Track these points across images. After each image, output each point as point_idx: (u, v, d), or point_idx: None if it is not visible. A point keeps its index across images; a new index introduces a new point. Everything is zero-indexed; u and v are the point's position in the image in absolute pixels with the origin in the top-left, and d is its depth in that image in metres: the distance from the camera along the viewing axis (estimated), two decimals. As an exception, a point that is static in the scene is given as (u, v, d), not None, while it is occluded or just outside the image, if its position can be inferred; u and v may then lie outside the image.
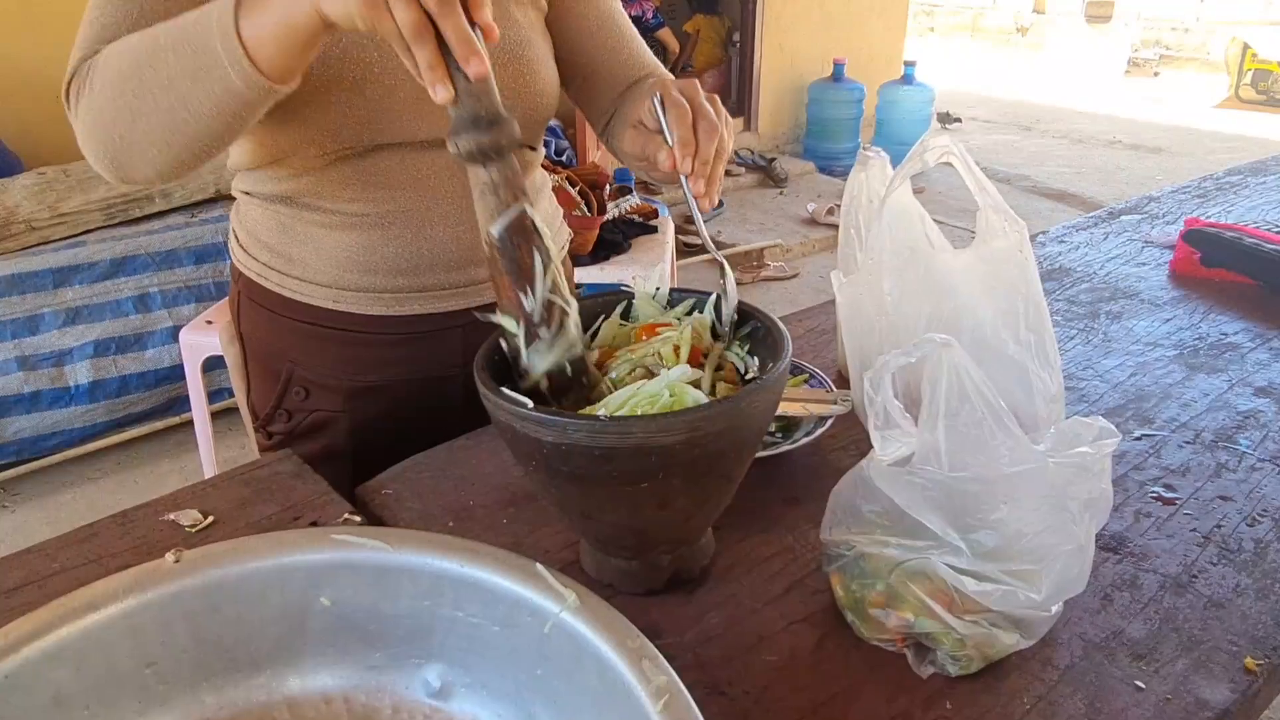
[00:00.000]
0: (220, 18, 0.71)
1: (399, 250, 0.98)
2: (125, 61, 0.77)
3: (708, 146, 0.76)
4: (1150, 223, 1.71)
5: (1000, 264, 0.82)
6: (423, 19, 0.62)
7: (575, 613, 0.57)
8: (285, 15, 0.69)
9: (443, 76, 0.63)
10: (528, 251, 0.69)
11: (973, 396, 0.60)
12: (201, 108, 0.75)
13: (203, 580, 0.60)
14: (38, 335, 2.59)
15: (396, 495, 0.93)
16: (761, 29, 5.68)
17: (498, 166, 0.67)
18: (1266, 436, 0.99)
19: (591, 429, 0.62)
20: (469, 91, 0.65)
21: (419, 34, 0.62)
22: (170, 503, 0.88)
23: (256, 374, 1.10)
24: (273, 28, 0.70)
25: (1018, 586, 0.64)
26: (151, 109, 0.76)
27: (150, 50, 0.75)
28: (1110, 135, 7.50)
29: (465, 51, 0.62)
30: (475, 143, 0.65)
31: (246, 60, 0.71)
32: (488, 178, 0.67)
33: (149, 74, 0.75)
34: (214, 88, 0.74)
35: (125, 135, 0.79)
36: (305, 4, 0.67)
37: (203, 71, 0.73)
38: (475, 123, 0.65)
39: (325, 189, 0.95)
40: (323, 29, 0.69)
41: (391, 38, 0.63)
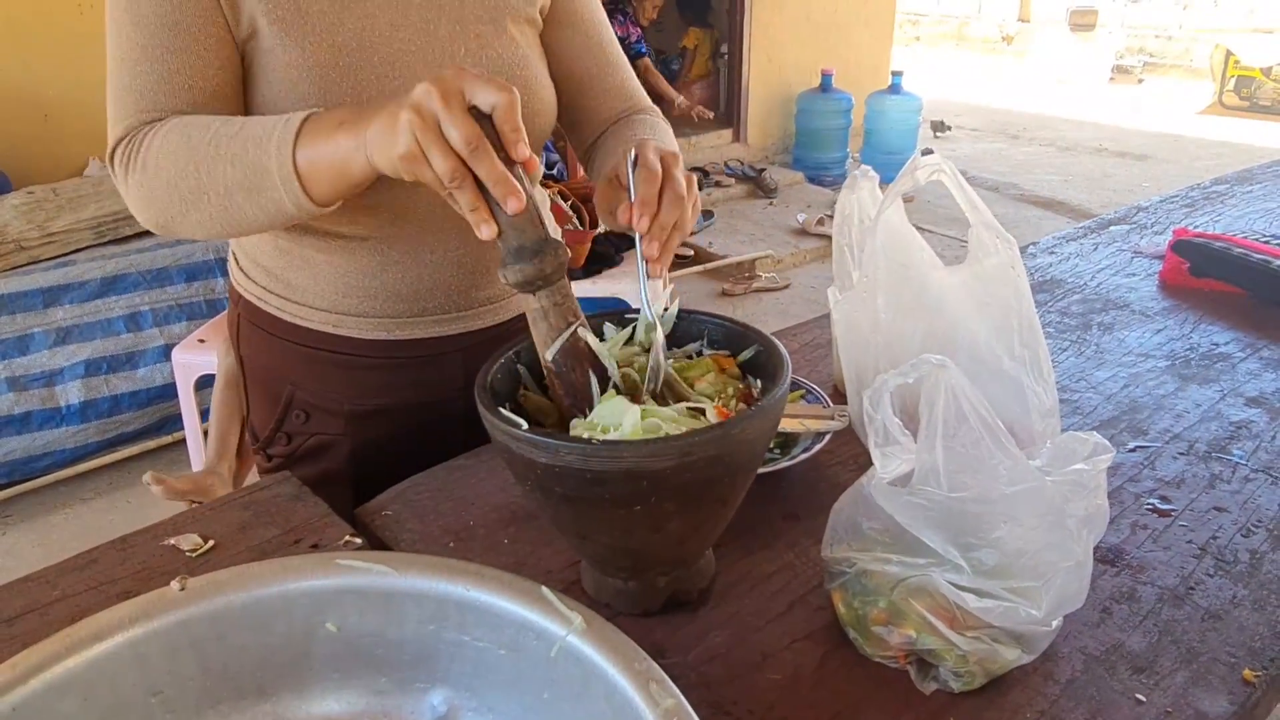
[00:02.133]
0: (279, 149, 0.76)
1: (398, 275, 0.98)
2: (182, 158, 0.81)
3: (669, 213, 0.76)
4: (1139, 233, 1.73)
5: (993, 281, 0.83)
6: (460, 167, 0.65)
7: (582, 636, 0.58)
8: (341, 160, 0.74)
9: (485, 216, 0.67)
10: (582, 373, 0.73)
11: (970, 416, 0.61)
12: (253, 217, 0.82)
13: (209, 608, 0.60)
14: (28, 355, 2.58)
15: (397, 516, 0.93)
16: (750, 41, 5.71)
17: (547, 293, 0.71)
18: (1259, 447, 1.00)
19: (583, 452, 0.62)
20: (512, 225, 0.68)
21: (458, 181, 0.66)
22: (170, 527, 0.88)
23: (256, 396, 1.10)
24: (327, 167, 0.75)
25: (1019, 603, 0.64)
26: (205, 206, 0.82)
27: (209, 154, 0.80)
28: (1096, 142, 7.56)
29: (502, 192, 0.66)
30: (522, 274, 0.69)
31: (301, 191, 0.77)
32: (538, 305, 0.71)
33: (206, 179, 0.81)
34: (266, 204, 0.80)
35: (177, 217, 0.85)
36: (361, 156, 0.72)
37: (257, 190, 0.79)
38: (520, 254, 0.69)
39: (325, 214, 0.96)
40: (375, 174, 0.73)
41: (434, 185, 0.68)
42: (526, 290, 0.70)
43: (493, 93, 0.66)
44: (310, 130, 0.75)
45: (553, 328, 0.71)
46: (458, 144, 0.65)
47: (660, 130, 1.02)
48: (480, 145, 0.65)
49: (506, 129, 0.67)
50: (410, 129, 0.65)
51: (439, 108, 0.65)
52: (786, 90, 5.95)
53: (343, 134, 0.73)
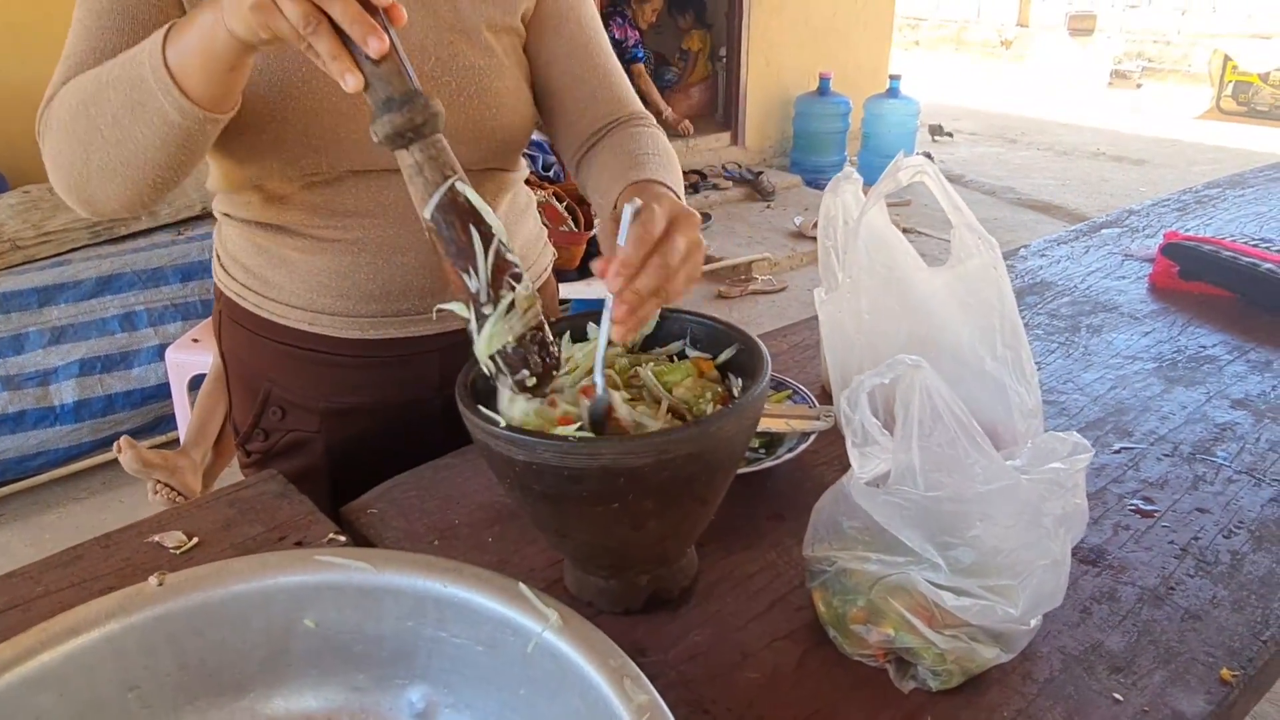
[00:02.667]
0: (150, 50, 0.73)
1: (371, 276, 0.98)
2: (75, 99, 0.79)
3: (646, 281, 0.68)
4: (1130, 236, 1.73)
5: (975, 282, 0.84)
6: (312, 10, 0.61)
7: (558, 632, 0.58)
8: (203, 40, 0.70)
9: (349, 65, 0.62)
10: (464, 229, 0.66)
11: (945, 416, 0.61)
12: (145, 140, 0.77)
13: (186, 603, 0.60)
14: (22, 355, 2.58)
15: (381, 515, 0.93)
16: (748, 44, 5.72)
17: (420, 146, 0.65)
18: (1243, 449, 1.01)
19: (560, 450, 0.62)
20: (377, 75, 0.63)
21: (312, 26, 0.61)
22: (155, 524, 0.88)
23: (236, 392, 1.10)
24: (195, 55, 0.71)
25: (995, 601, 0.64)
26: (100, 144, 0.78)
27: (95, 88, 0.77)
28: (1094, 147, 7.56)
29: (360, 33, 0.61)
30: (391, 124, 0.63)
31: (176, 89, 0.72)
32: (412, 159, 0.65)
33: (94, 111, 0.77)
34: (153, 119, 0.75)
35: (81, 171, 0.81)
36: (219, 27, 0.68)
37: (139, 105, 0.74)
38: (388, 105, 0.63)
39: (297, 215, 0.95)
40: (240, 49, 0.69)
41: (290, 38, 0.63)
42: (398, 145, 0.65)
43: None
44: (177, 27, 0.72)
45: (429, 182, 0.65)
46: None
47: (658, 142, 0.98)
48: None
49: None
50: None
51: None
52: (784, 93, 5.95)
53: (204, 12, 0.69)
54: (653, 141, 0.98)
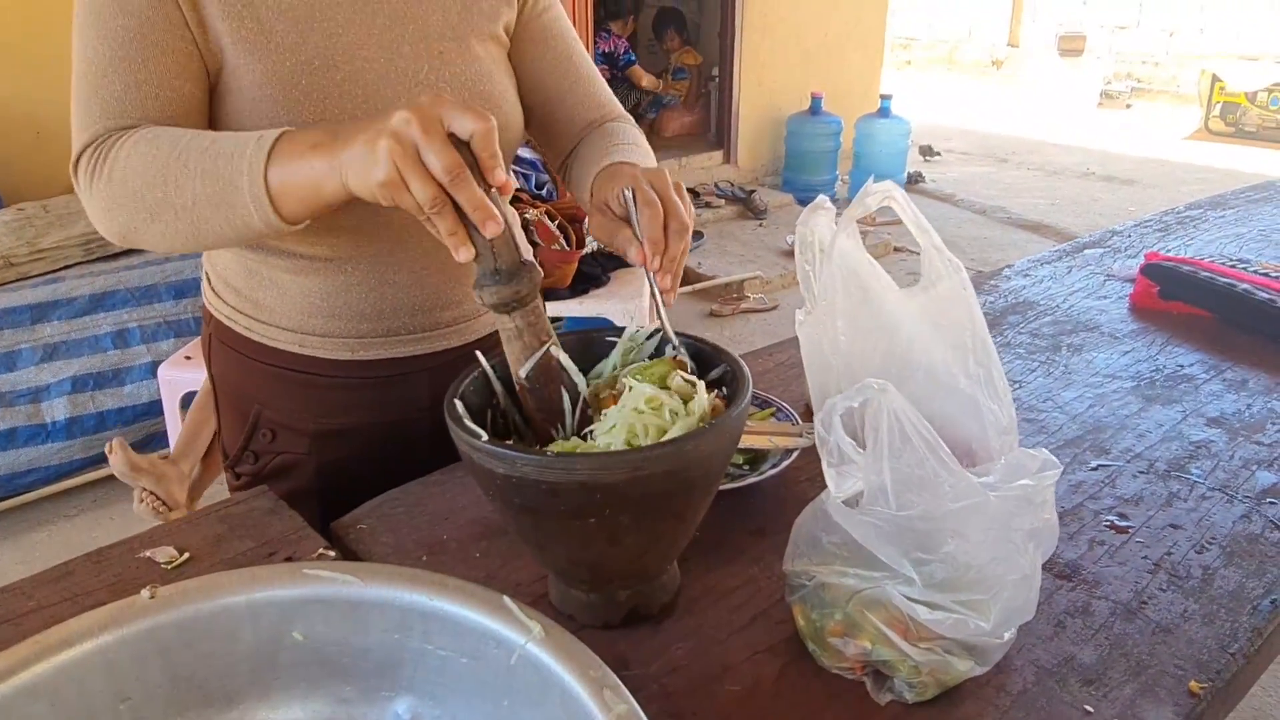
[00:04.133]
0: (251, 166, 0.76)
1: (362, 295, 1.00)
2: (149, 170, 0.81)
3: (676, 245, 0.79)
4: (1113, 256, 1.76)
5: (946, 303, 0.86)
6: (440, 194, 0.67)
7: (540, 644, 0.59)
8: (314, 182, 0.74)
9: (463, 240, 0.69)
10: (555, 390, 0.75)
11: (913, 437, 0.63)
12: (219, 230, 0.82)
13: (177, 616, 0.62)
14: (14, 372, 2.59)
15: (371, 530, 0.94)
16: (740, 64, 5.78)
17: (521, 313, 0.73)
18: (1217, 466, 1.03)
19: (538, 464, 0.64)
20: (488, 248, 0.70)
21: (438, 208, 0.68)
22: (146, 540, 0.90)
23: (226, 415, 1.12)
24: (299, 188, 0.76)
25: (968, 615, 0.66)
26: (171, 219, 0.82)
27: (177, 170, 0.80)
28: (1084, 167, 7.64)
29: (481, 218, 0.68)
30: (497, 295, 0.71)
31: (270, 209, 0.77)
32: (512, 325, 0.73)
33: (173, 191, 0.81)
34: (234, 219, 0.80)
35: (140, 228, 0.85)
36: (335, 179, 0.73)
37: (226, 204, 0.79)
38: (496, 276, 0.71)
39: (290, 234, 0.97)
40: (348, 197, 0.74)
41: (413, 211, 0.69)
42: (502, 311, 0.72)
43: (471, 120, 0.67)
44: (283, 149, 0.76)
45: (526, 346, 0.74)
46: (439, 172, 0.66)
47: (635, 137, 1.03)
48: (461, 174, 0.66)
49: (485, 155, 0.68)
50: (390, 157, 0.66)
51: (419, 135, 0.66)
52: (776, 112, 6.01)
53: (317, 156, 0.74)
54: (624, 133, 1.04)
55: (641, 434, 0.71)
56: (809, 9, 5.97)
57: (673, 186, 0.81)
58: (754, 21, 5.70)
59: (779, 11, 5.80)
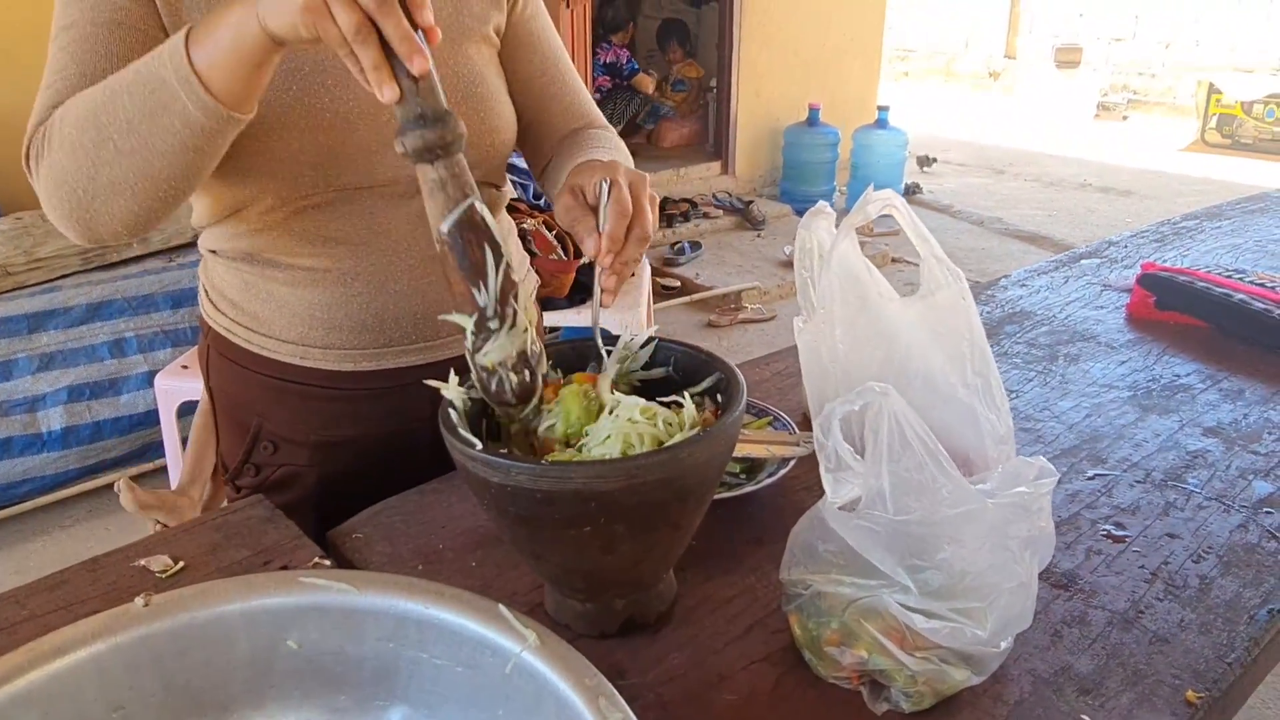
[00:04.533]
0: (172, 52, 0.72)
1: (362, 307, 0.99)
2: (81, 113, 0.77)
3: (633, 250, 0.79)
4: (1109, 266, 1.76)
5: (945, 312, 0.86)
6: (365, 21, 0.63)
7: (535, 652, 0.59)
8: (234, 38, 0.70)
9: (388, 76, 0.65)
10: (478, 246, 0.69)
11: (913, 442, 0.63)
12: (163, 145, 0.76)
13: (171, 624, 0.61)
14: (11, 381, 2.58)
15: (367, 539, 0.94)
16: (737, 75, 5.80)
17: (445, 163, 0.68)
18: (1214, 476, 1.03)
19: (532, 472, 0.64)
20: (413, 90, 0.66)
21: (362, 36, 0.63)
22: (141, 548, 0.89)
23: (225, 427, 1.11)
24: (223, 53, 0.71)
25: (964, 624, 0.66)
26: (113, 155, 0.77)
27: (105, 97, 0.76)
28: (1081, 178, 7.66)
29: (408, 49, 0.64)
30: (422, 139, 0.66)
31: (202, 88, 0.72)
32: (435, 175, 0.68)
33: (106, 120, 0.76)
34: (173, 122, 0.74)
35: (88, 188, 0.79)
36: (252, 24, 0.69)
37: (160, 108, 0.74)
38: (421, 120, 0.66)
39: (286, 245, 0.96)
40: (272, 47, 0.70)
41: (334, 43, 0.65)
42: (425, 159, 0.67)
43: None
44: (200, 27, 0.72)
45: (450, 199, 0.68)
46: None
47: (616, 143, 1.04)
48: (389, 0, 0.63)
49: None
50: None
51: None
52: (774, 123, 6.03)
53: (233, 10, 0.70)
54: (607, 139, 1.04)
55: (637, 443, 0.71)
56: (806, 20, 5.99)
57: (648, 198, 0.82)
58: (752, 32, 5.73)
59: (777, 22, 5.83)
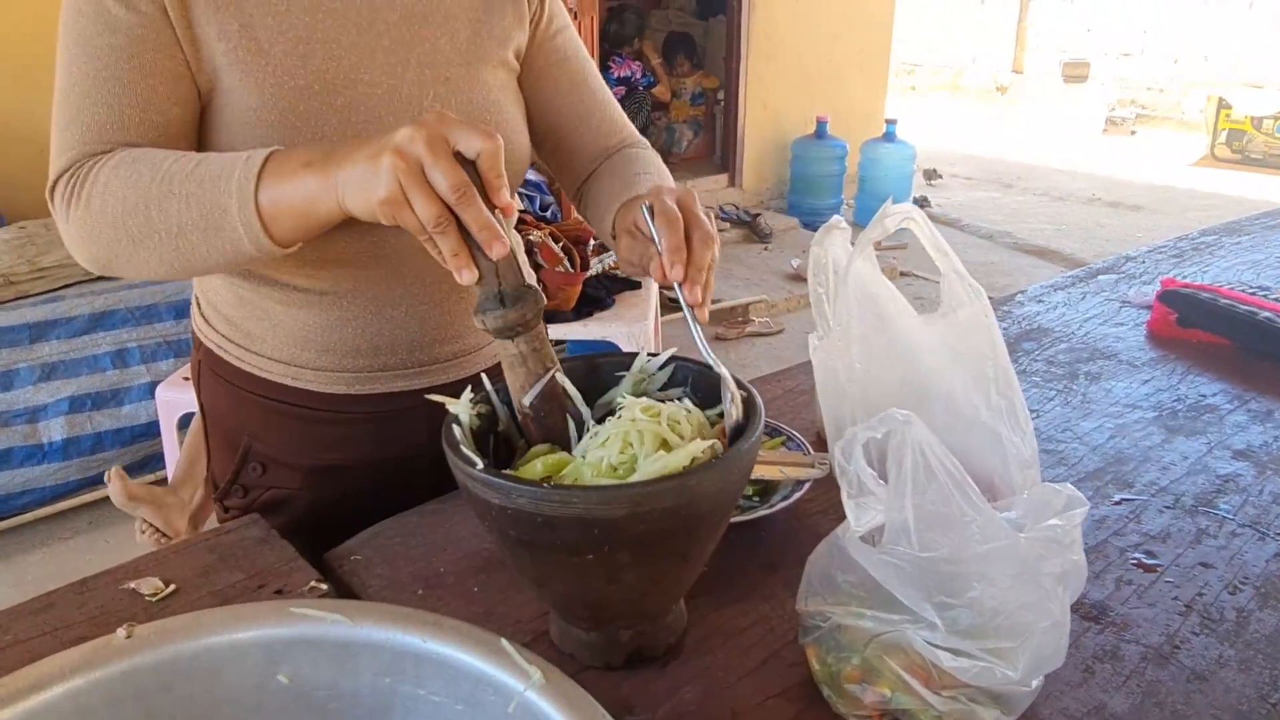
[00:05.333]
0: (241, 188, 0.73)
1: (358, 330, 0.96)
2: (131, 195, 0.77)
3: (702, 254, 0.74)
4: (1128, 282, 1.72)
5: (966, 331, 0.82)
6: (445, 213, 0.64)
7: (540, 691, 0.56)
8: (308, 201, 0.71)
9: (467, 262, 0.66)
10: (560, 417, 0.73)
11: (939, 473, 0.60)
12: (207, 257, 0.78)
13: (155, 657, 0.58)
14: (12, 391, 2.56)
15: (365, 562, 0.91)
16: (745, 88, 5.79)
17: (525, 339, 0.70)
18: (1246, 501, 0.99)
19: (534, 495, 0.61)
20: (492, 271, 0.67)
21: (441, 227, 0.65)
22: (131, 570, 0.86)
23: (215, 445, 1.08)
24: (292, 209, 0.72)
25: (995, 664, 0.62)
26: (155, 245, 0.79)
27: (161, 194, 0.76)
28: (1089, 193, 7.63)
29: (488, 238, 0.65)
30: (503, 320, 0.68)
31: (262, 231, 0.74)
32: (516, 351, 0.70)
33: (157, 216, 0.77)
34: (223, 245, 0.76)
35: (121, 256, 0.81)
36: (330, 198, 0.69)
37: (214, 230, 0.75)
38: (500, 300, 0.68)
39: (284, 265, 0.93)
40: (341, 217, 0.71)
41: (414, 230, 0.66)
42: (505, 336, 0.69)
43: (478, 139, 0.65)
44: (274, 169, 0.73)
45: (530, 373, 0.71)
46: (444, 190, 0.64)
47: (654, 163, 1.01)
48: (467, 192, 0.64)
49: (491, 175, 0.66)
50: (394, 173, 0.64)
51: (424, 152, 0.63)
52: (782, 136, 6.02)
53: (310, 174, 0.71)
54: (645, 161, 1.01)
55: (636, 441, 0.67)
56: (813, 34, 5.99)
57: (699, 206, 0.79)
58: (759, 47, 5.72)
59: (783, 36, 5.82)
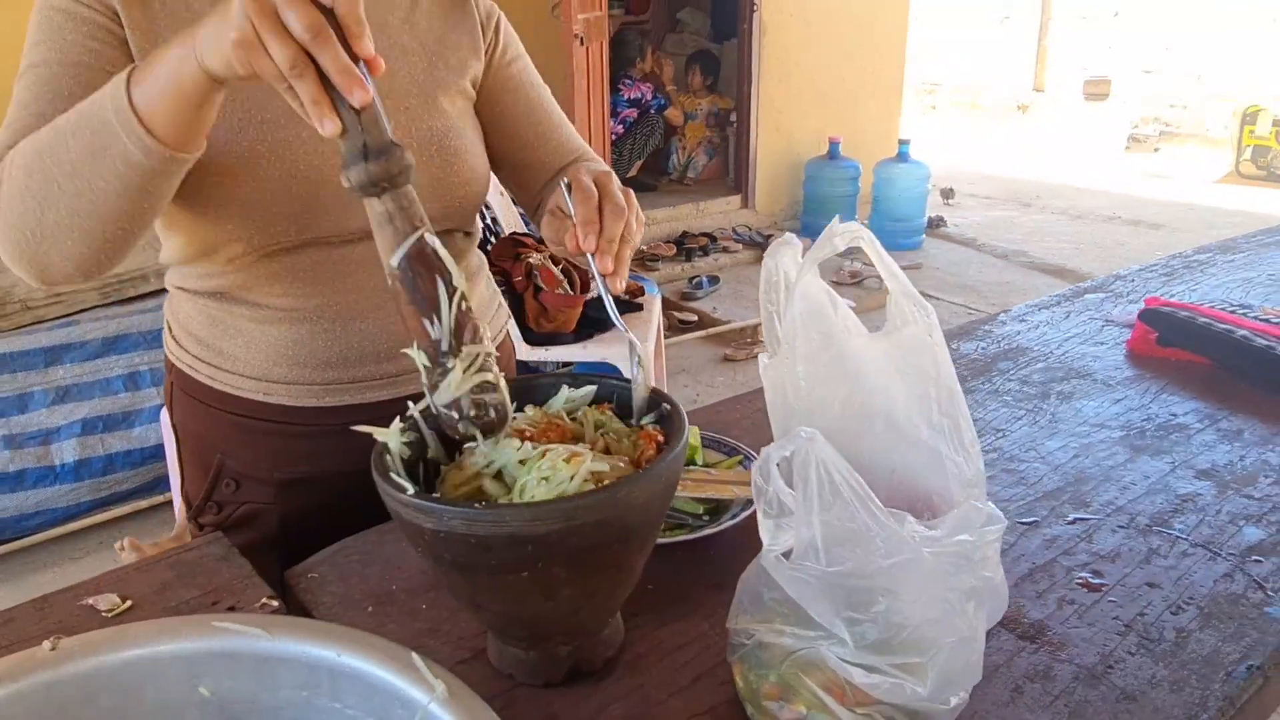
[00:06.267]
0: (114, 92, 0.72)
1: (327, 343, 0.99)
2: (29, 155, 0.78)
3: (613, 226, 0.78)
4: (1114, 301, 1.72)
5: (911, 350, 0.83)
6: (300, 54, 0.61)
7: (443, 704, 0.57)
8: (173, 77, 0.70)
9: (328, 110, 0.63)
10: (430, 279, 0.68)
11: (843, 489, 0.60)
12: (107, 186, 0.75)
13: (78, 669, 0.60)
14: (26, 414, 2.62)
15: (322, 579, 0.93)
16: (757, 110, 5.82)
17: (392, 196, 0.67)
18: (1202, 521, 0.98)
19: (467, 516, 0.62)
20: (356, 123, 0.65)
21: (298, 70, 0.62)
22: (91, 586, 0.89)
23: (189, 464, 1.11)
24: (163, 92, 0.71)
25: (904, 679, 0.63)
26: (58, 196, 0.76)
27: (51, 139, 0.76)
28: (1110, 211, 7.55)
29: (347, 82, 0.62)
30: (366, 173, 0.65)
31: (141, 128, 0.72)
32: (383, 208, 0.67)
33: (51, 162, 0.76)
34: (115, 163, 0.74)
35: (36, 229, 0.79)
36: (190, 62, 0.68)
37: (102, 149, 0.74)
38: (364, 153, 0.65)
39: (254, 284, 0.97)
40: (211, 85, 0.69)
41: (271, 78, 0.64)
42: (371, 193, 0.66)
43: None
44: (141, 65, 0.72)
45: (399, 231, 0.67)
46: (298, 31, 0.61)
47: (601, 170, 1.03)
48: (323, 32, 0.61)
49: (350, 21, 0.63)
50: (245, 14, 0.61)
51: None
52: (794, 157, 6.03)
53: (172, 49, 0.69)
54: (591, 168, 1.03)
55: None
56: (826, 56, 6.01)
57: (616, 184, 0.81)
58: (771, 68, 5.75)
59: (795, 58, 5.85)
